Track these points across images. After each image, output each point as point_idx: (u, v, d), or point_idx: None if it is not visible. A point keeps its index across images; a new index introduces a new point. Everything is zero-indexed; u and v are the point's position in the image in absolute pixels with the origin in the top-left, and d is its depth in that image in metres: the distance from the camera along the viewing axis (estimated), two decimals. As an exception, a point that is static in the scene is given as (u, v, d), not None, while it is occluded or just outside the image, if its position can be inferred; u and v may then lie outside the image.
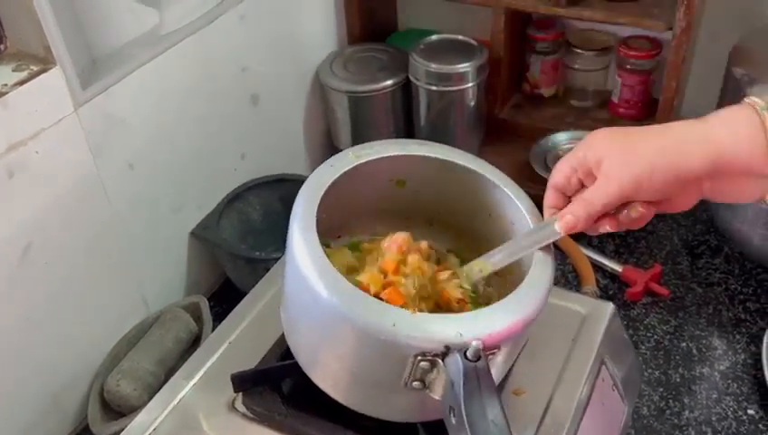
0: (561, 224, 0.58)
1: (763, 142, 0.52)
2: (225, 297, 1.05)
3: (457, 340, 0.52)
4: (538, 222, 0.63)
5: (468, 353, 0.51)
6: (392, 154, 0.66)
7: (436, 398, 0.54)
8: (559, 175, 0.60)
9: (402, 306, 0.57)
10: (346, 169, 0.63)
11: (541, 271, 0.59)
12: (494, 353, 0.55)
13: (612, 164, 0.56)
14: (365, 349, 0.55)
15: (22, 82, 0.72)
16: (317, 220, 0.60)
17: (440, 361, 0.53)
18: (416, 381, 0.54)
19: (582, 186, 0.59)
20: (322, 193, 0.61)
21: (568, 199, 0.61)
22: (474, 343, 0.51)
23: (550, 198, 0.62)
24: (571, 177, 0.59)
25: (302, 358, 0.63)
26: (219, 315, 0.97)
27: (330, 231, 0.71)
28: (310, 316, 0.59)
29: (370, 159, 0.65)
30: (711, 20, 1.09)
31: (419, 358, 0.53)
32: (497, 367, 0.60)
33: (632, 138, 0.57)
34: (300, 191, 0.61)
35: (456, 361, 0.51)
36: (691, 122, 0.56)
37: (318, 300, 0.54)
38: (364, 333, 0.53)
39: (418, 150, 0.68)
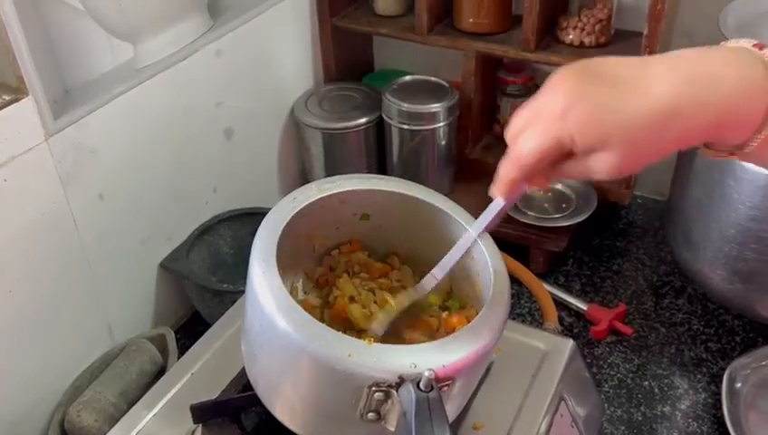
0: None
1: (758, 121, 0.46)
2: (192, 330, 1.05)
3: (411, 370, 0.53)
4: (495, 256, 0.64)
5: (421, 384, 0.52)
6: (356, 188, 0.68)
7: (391, 429, 0.55)
8: (532, 158, 0.49)
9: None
10: (308, 202, 0.64)
11: (497, 304, 0.61)
12: (448, 385, 0.56)
13: (620, 153, 0.47)
14: (321, 379, 0.56)
15: (-7, 111, 0.73)
16: (281, 253, 0.61)
17: (394, 391, 0.53)
18: (371, 412, 0.55)
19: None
20: (284, 225, 0.62)
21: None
22: (426, 373, 0.52)
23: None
24: (545, 159, 0.49)
25: (260, 389, 0.63)
26: (185, 348, 0.95)
27: (294, 263, 0.72)
28: (268, 346, 0.59)
29: (334, 192, 0.66)
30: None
31: (374, 389, 0.53)
32: (454, 399, 0.60)
33: (608, 103, 0.46)
34: (262, 223, 0.62)
35: (408, 391, 0.52)
36: (677, 69, 0.47)
37: (275, 329, 0.55)
38: (320, 362, 0.54)
39: (382, 185, 0.69)
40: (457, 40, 1.13)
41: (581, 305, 1.03)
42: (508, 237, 1.08)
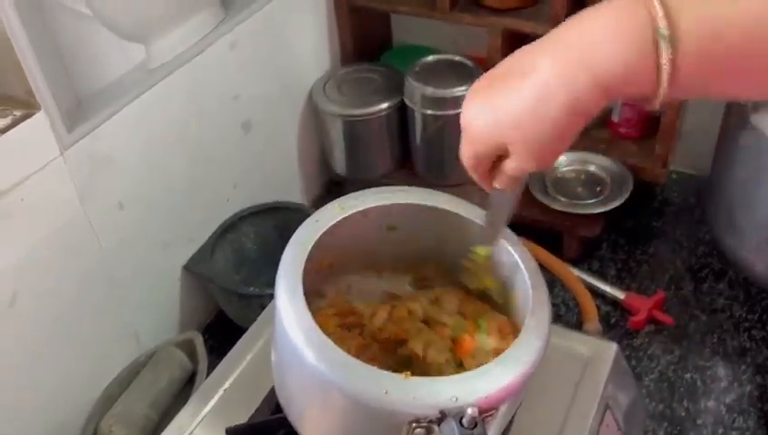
0: (500, 184, 0.54)
1: (653, 76, 0.43)
2: (219, 330, 1.03)
3: (452, 404, 0.51)
4: (531, 268, 0.61)
5: (464, 421, 0.50)
6: (378, 204, 0.65)
7: None
8: (469, 167, 0.53)
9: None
10: (331, 223, 0.62)
11: (537, 323, 0.57)
12: (491, 415, 0.53)
13: (518, 149, 0.48)
14: (357, 416, 0.54)
15: (5, 130, 0.69)
16: (308, 277, 0.58)
17: (436, 427, 0.51)
18: None
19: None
20: (308, 252, 0.59)
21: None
22: (469, 410, 0.49)
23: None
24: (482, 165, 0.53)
25: (292, 416, 0.61)
26: (214, 349, 0.95)
27: (323, 278, 0.70)
28: (299, 379, 0.58)
29: (357, 210, 0.63)
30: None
31: (414, 425, 0.51)
32: (497, 422, 0.58)
33: (499, 102, 0.47)
34: (285, 251, 0.60)
35: (451, 429, 0.50)
36: (559, 41, 0.46)
37: (306, 366, 0.53)
38: (355, 400, 0.52)
39: (406, 198, 0.66)
40: (482, 17, 1.08)
41: (618, 294, 1.00)
42: (540, 224, 1.04)
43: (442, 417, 0.51)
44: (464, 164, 0.54)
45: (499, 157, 0.51)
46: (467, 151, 0.52)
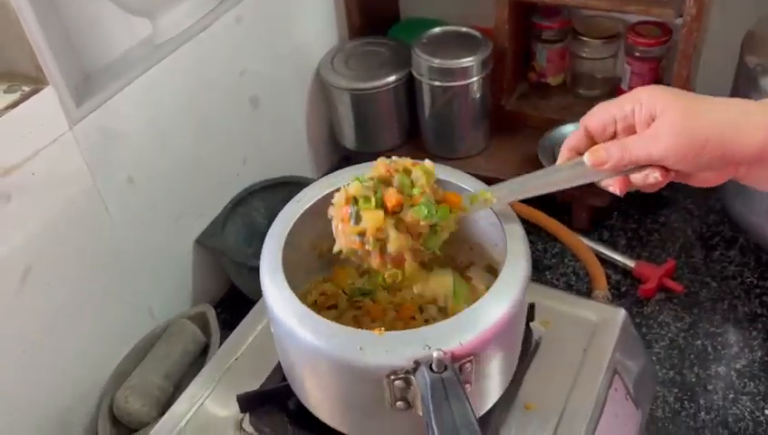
0: (591, 156, 0.53)
1: None
2: (232, 303, 1.04)
3: (425, 353, 0.51)
4: (509, 219, 0.60)
5: (433, 366, 0.51)
6: None
7: (420, 415, 0.53)
8: (596, 120, 0.54)
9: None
10: (312, 201, 0.63)
11: (512, 272, 0.57)
12: (471, 361, 0.54)
13: (668, 123, 0.50)
14: (340, 376, 0.56)
15: (14, 105, 0.70)
16: (297, 255, 0.61)
17: (412, 377, 0.52)
18: (399, 401, 0.54)
19: (614, 138, 0.54)
20: (288, 229, 0.61)
21: (592, 144, 0.55)
22: (435, 354, 0.50)
23: (575, 139, 0.56)
24: (608, 126, 0.54)
25: (296, 387, 0.63)
26: (227, 322, 0.96)
27: (326, 263, 0.70)
28: (289, 349, 0.59)
29: (340, 186, 0.64)
30: (723, 5, 1.05)
31: (392, 377, 0.52)
32: (489, 376, 0.58)
33: (695, 102, 0.51)
34: (270, 230, 0.61)
35: (423, 375, 0.51)
36: (753, 102, 0.51)
37: (292, 336, 0.55)
38: (336, 360, 0.54)
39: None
40: (489, -13, 1.07)
41: (628, 263, 1.00)
42: (549, 194, 1.04)
43: (416, 366, 0.52)
44: (591, 113, 0.54)
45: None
46: (613, 102, 0.54)
